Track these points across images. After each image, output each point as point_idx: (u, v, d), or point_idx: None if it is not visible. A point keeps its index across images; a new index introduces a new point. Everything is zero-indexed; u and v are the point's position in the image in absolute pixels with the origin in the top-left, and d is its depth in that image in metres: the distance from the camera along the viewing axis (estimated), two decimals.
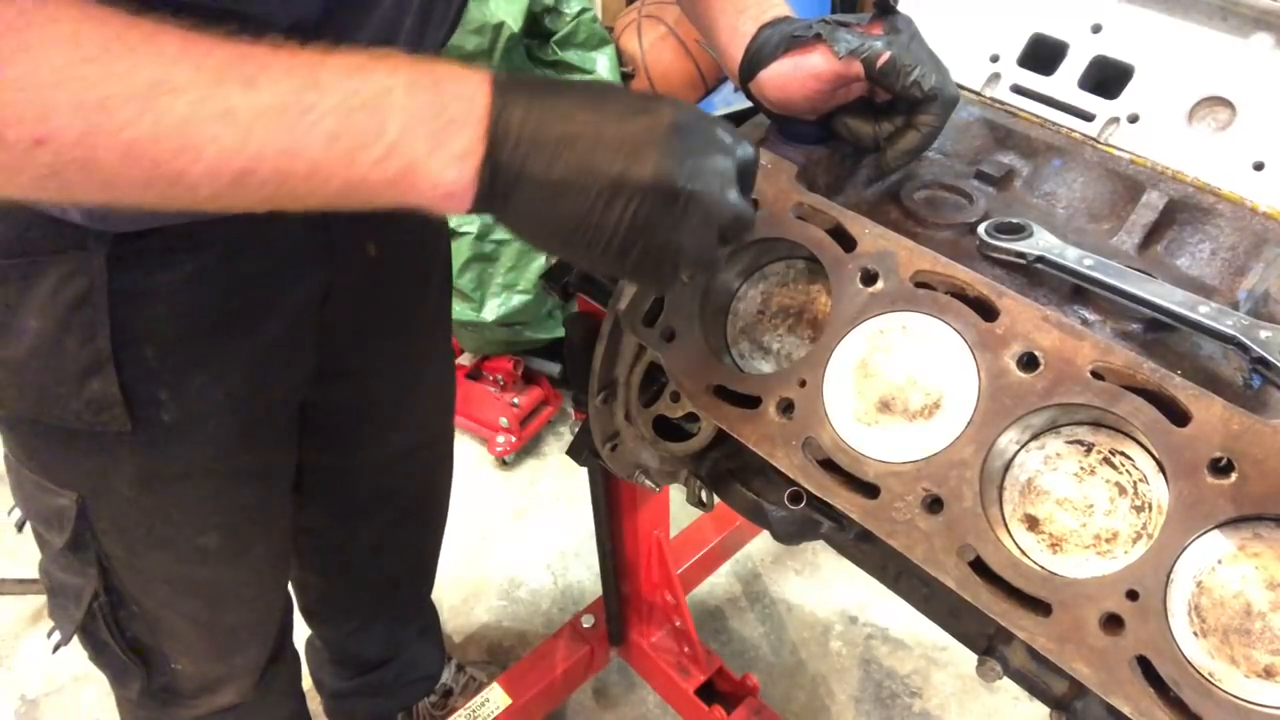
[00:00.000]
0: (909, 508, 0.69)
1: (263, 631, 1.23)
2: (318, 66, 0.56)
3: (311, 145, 0.55)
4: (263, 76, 0.55)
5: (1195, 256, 0.81)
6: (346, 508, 1.35)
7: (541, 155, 0.58)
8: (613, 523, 1.41)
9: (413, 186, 0.58)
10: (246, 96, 0.54)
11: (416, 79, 0.58)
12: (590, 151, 0.59)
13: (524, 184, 0.59)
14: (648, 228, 0.60)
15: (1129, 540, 0.64)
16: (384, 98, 0.57)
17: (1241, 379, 0.69)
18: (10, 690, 1.91)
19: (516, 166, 0.58)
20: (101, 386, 0.85)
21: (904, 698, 1.87)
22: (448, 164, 0.58)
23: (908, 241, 0.74)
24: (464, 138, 0.58)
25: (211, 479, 1.00)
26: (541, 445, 2.44)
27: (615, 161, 0.58)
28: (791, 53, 0.79)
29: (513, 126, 0.58)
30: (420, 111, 0.57)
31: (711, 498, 1.06)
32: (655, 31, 2.85)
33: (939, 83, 0.76)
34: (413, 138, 0.57)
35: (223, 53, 0.55)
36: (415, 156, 0.57)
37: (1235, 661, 0.58)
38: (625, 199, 0.59)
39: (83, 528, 0.97)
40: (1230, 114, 0.81)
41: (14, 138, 0.50)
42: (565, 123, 0.59)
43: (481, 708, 1.57)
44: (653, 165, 0.59)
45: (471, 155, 0.58)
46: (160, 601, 1.07)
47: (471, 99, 0.58)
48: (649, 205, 0.59)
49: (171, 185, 0.55)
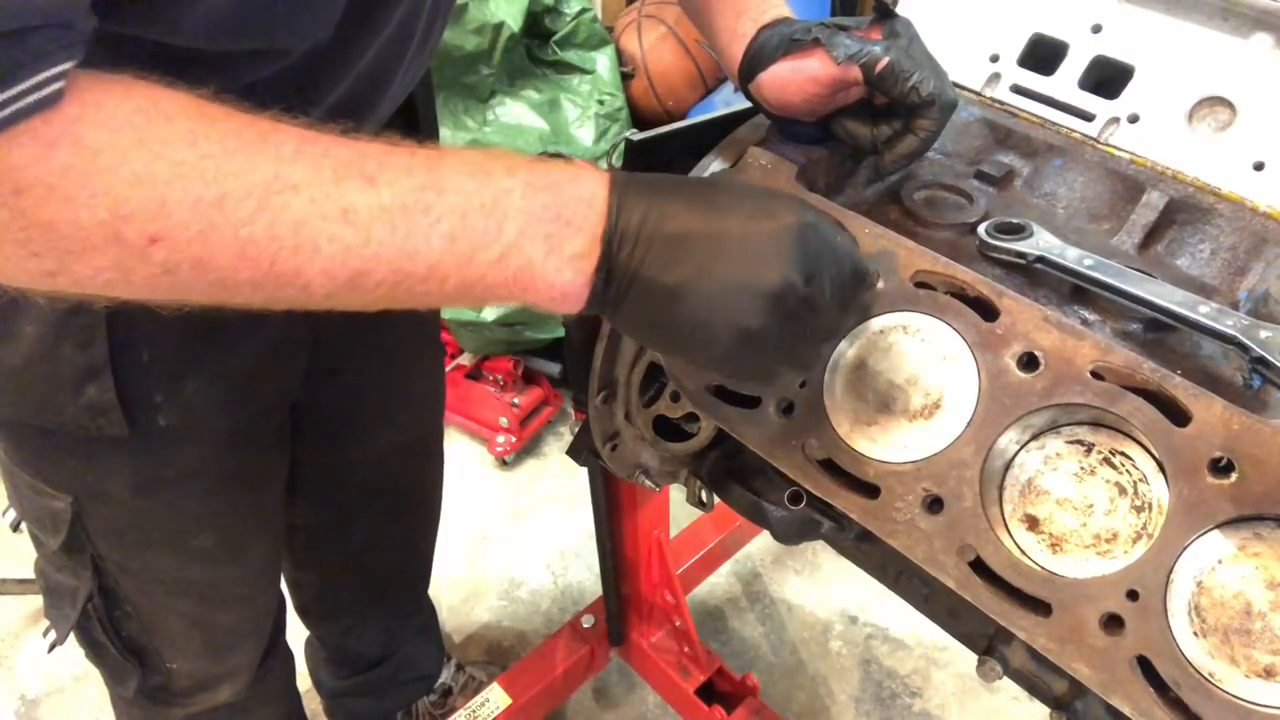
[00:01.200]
0: (909, 508, 0.69)
1: (257, 630, 1.23)
2: (436, 165, 0.56)
3: (430, 246, 0.55)
4: (382, 175, 0.54)
5: (1195, 256, 0.81)
6: (339, 504, 1.35)
7: (658, 259, 0.58)
8: (613, 523, 1.41)
9: (528, 287, 0.58)
10: (365, 195, 0.53)
11: (534, 179, 0.58)
12: (711, 256, 0.58)
13: (638, 287, 0.58)
14: (762, 335, 0.59)
15: (1129, 540, 0.64)
16: (502, 199, 0.56)
17: (1241, 379, 0.69)
18: (10, 690, 1.91)
19: (632, 269, 0.58)
20: (98, 392, 0.84)
21: (904, 698, 1.87)
22: (563, 266, 0.57)
23: (908, 241, 0.74)
24: (580, 240, 0.58)
25: (206, 481, 1.00)
26: (541, 445, 2.44)
27: (737, 267, 0.58)
28: (790, 56, 0.79)
29: (630, 229, 0.58)
30: (538, 213, 0.57)
31: (711, 498, 1.06)
32: (655, 31, 2.84)
33: (937, 88, 0.76)
34: (530, 240, 0.57)
35: (341, 151, 0.54)
36: (532, 258, 0.57)
37: (1235, 661, 0.58)
38: (744, 306, 0.58)
39: (77, 530, 0.97)
40: (1230, 114, 0.81)
41: (131, 235, 0.49)
42: (683, 225, 0.58)
43: (481, 708, 1.57)
44: (776, 273, 0.58)
45: (587, 257, 0.58)
46: (155, 602, 1.07)
47: (589, 201, 0.58)
48: (767, 313, 0.58)
49: (285, 285, 0.54)
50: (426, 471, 1.49)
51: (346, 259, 0.53)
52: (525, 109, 2.68)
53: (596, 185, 0.59)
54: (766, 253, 0.58)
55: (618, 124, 2.75)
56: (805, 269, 0.59)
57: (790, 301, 0.58)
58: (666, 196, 0.59)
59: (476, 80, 2.61)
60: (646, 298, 0.58)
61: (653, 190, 0.60)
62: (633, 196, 0.59)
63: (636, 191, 0.59)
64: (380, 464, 1.33)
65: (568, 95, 2.75)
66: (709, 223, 0.59)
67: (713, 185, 0.63)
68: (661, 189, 0.60)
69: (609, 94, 2.76)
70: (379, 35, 0.76)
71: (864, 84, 0.78)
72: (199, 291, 0.54)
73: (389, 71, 0.83)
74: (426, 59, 0.91)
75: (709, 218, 0.59)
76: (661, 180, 0.62)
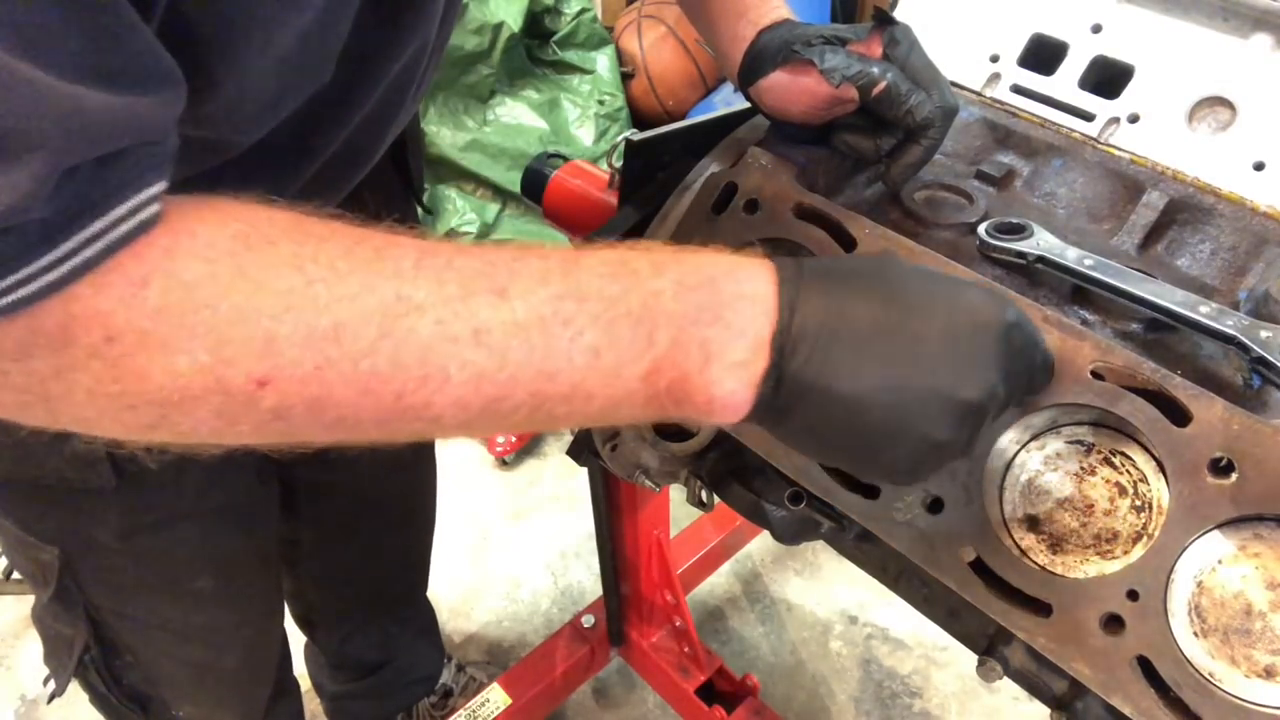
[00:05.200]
0: (909, 508, 0.69)
1: (264, 671, 1.21)
2: (572, 269, 0.49)
3: (573, 363, 0.48)
4: (514, 286, 0.48)
5: (1195, 256, 0.81)
6: (332, 519, 1.34)
7: (840, 365, 0.50)
8: (613, 523, 1.41)
9: (683, 400, 0.51)
10: (498, 311, 0.47)
11: (685, 277, 0.51)
12: (905, 363, 0.50)
13: (815, 396, 0.50)
14: (952, 445, 0.52)
15: (1129, 540, 0.64)
16: (651, 303, 0.50)
17: (1241, 379, 0.69)
18: (10, 690, 1.91)
19: (809, 378, 0.50)
20: (84, 444, 0.77)
21: (904, 698, 1.87)
22: (724, 375, 0.50)
23: (908, 241, 0.74)
24: (743, 346, 0.50)
25: (196, 520, 0.97)
26: (541, 445, 2.44)
27: (936, 376, 0.50)
28: (788, 68, 0.79)
29: (805, 332, 0.50)
30: (694, 316, 0.50)
31: (711, 498, 1.05)
32: (655, 31, 2.84)
33: (933, 112, 0.76)
34: (684, 350, 0.50)
35: (466, 261, 0.48)
36: (687, 369, 0.50)
37: (1235, 662, 0.58)
38: (939, 417, 0.51)
39: (67, 580, 0.93)
40: (1230, 114, 0.81)
41: (236, 379, 0.43)
42: (870, 325, 0.51)
43: (481, 708, 1.57)
44: (981, 382, 0.51)
45: (752, 364, 0.50)
46: (157, 649, 1.05)
47: (753, 299, 0.51)
48: (961, 423, 0.52)
49: (413, 419, 0.47)
50: (419, 482, 1.48)
51: (480, 385, 0.47)
52: (525, 109, 2.68)
53: (761, 281, 0.52)
54: (971, 358, 0.51)
55: (618, 124, 2.75)
56: (1007, 373, 0.53)
57: (991, 410, 0.53)
58: (846, 291, 0.52)
59: (476, 80, 2.61)
60: (822, 408, 0.51)
61: (829, 283, 0.52)
62: (807, 293, 0.51)
63: (811, 286, 0.51)
64: (372, 478, 1.31)
65: (568, 95, 2.75)
66: (902, 321, 0.51)
67: (897, 274, 0.54)
68: (838, 280, 0.52)
69: (609, 94, 2.76)
70: (381, 83, 0.73)
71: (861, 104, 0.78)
72: (316, 433, 0.48)
73: (390, 115, 0.80)
74: (423, 94, 0.88)
75: (900, 316, 0.51)
76: (837, 269, 0.54)
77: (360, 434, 0.48)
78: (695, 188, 0.86)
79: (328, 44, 0.61)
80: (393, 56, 0.72)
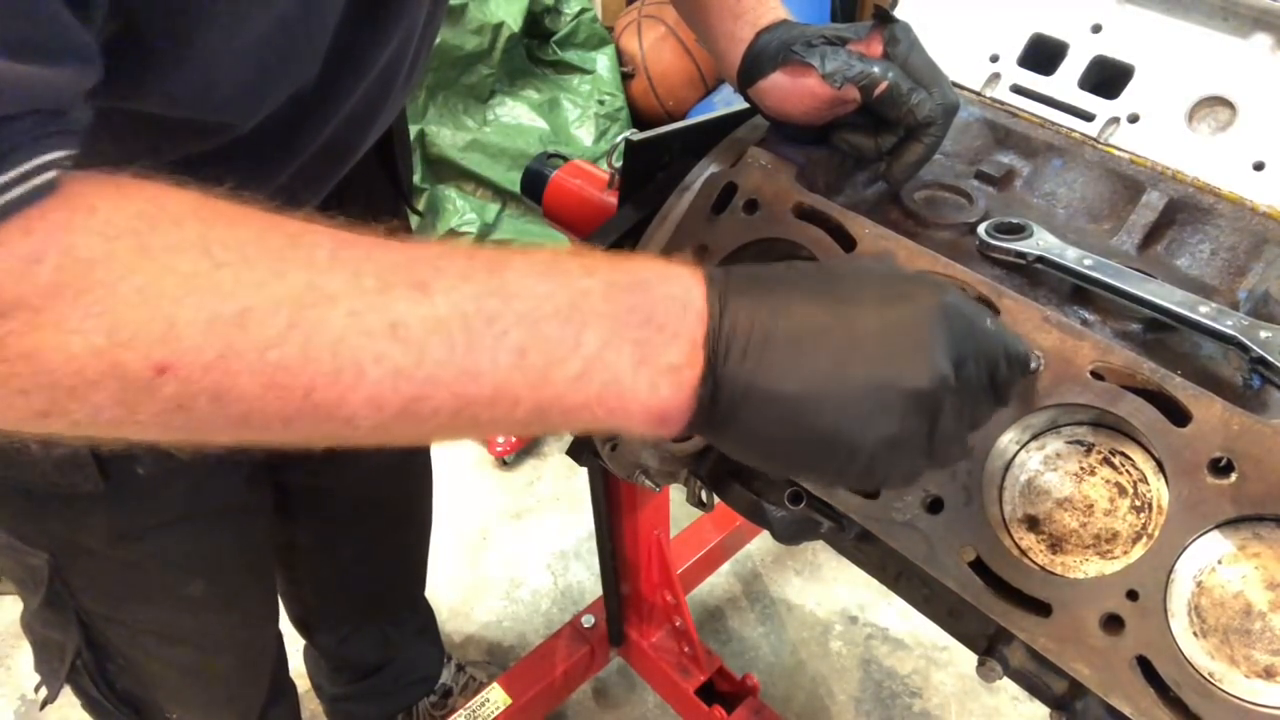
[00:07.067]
0: (909, 508, 0.69)
1: (259, 673, 1.21)
2: (499, 267, 0.48)
3: (496, 363, 0.46)
4: (436, 282, 0.46)
5: (1195, 256, 0.81)
6: (328, 523, 1.33)
7: (777, 364, 0.49)
8: (613, 523, 1.41)
9: (616, 408, 0.49)
10: (417, 306, 0.45)
11: (617, 278, 0.49)
12: (843, 355, 0.49)
13: (755, 399, 0.49)
14: (910, 440, 0.51)
15: (1129, 540, 0.64)
16: (580, 303, 0.48)
17: (1241, 379, 0.69)
18: (10, 690, 1.91)
19: (745, 379, 0.49)
20: (70, 447, 0.78)
21: (904, 698, 1.87)
22: (658, 380, 0.49)
23: (908, 241, 0.74)
24: (677, 348, 0.49)
25: (186, 525, 0.96)
26: (541, 445, 2.44)
27: (877, 365, 0.49)
28: (788, 69, 0.79)
29: (738, 331, 0.49)
30: (624, 318, 0.48)
31: (711, 498, 1.05)
32: (655, 31, 2.85)
33: (935, 108, 0.76)
34: (615, 350, 0.48)
35: (386, 255, 0.46)
36: (619, 372, 0.48)
37: (1235, 662, 0.58)
38: (888, 409, 0.49)
39: (57, 585, 0.93)
40: (1230, 114, 0.81)
41: (134, 364, 0.40)
42: (804, 320, 0.50)
43: (481, 708, 1.57)
44: (924, 366, 0.49)
45: (687, 368, 0.49)
46: (149, 653, 1.04)
47: (684, 301, 0.50)
48: (914, 413, 0.50)
49: (325, 419, 0.45)
50: (415, 485, 1.48)
51: (398, 384, 0.44)
52: (525, 109, 2.68)
53: (691, 282, 0.51)
54: (911, 346, 0.50)
55: (618, 124, 2.76)
56: (955, 356, 0.51)
57: (939, 395, 0.50)
58: (777, 288, 0.51)
59: (476, 80, 2.61)
60: (764, 412, 0.49)
61: (758, 282, 0.51)
62: (737, 292, 0.50)
63: (740, 286, 0.51)
64: (368, 481, 1.31)
65: (568, 95, 2.75)
66: (835, 315, 0.50)
67: (827, 270, 0.54)
68: (768, 280, 0.52)
69: (609, 94, 2.76)
70: (365, 77, 0.72)
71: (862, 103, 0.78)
72: (220, 429, 0.45)
73: (375, 111, 0.79)
74: (410, 91, 0.87)
75: (834, 309, 0.50)
76: (765, 271, 0.53)
77: (268, 433, 0.45)
78: (695, 188, 0.86)
79: (311, 31, 0.61)
80: (375, 51, 0.71)
